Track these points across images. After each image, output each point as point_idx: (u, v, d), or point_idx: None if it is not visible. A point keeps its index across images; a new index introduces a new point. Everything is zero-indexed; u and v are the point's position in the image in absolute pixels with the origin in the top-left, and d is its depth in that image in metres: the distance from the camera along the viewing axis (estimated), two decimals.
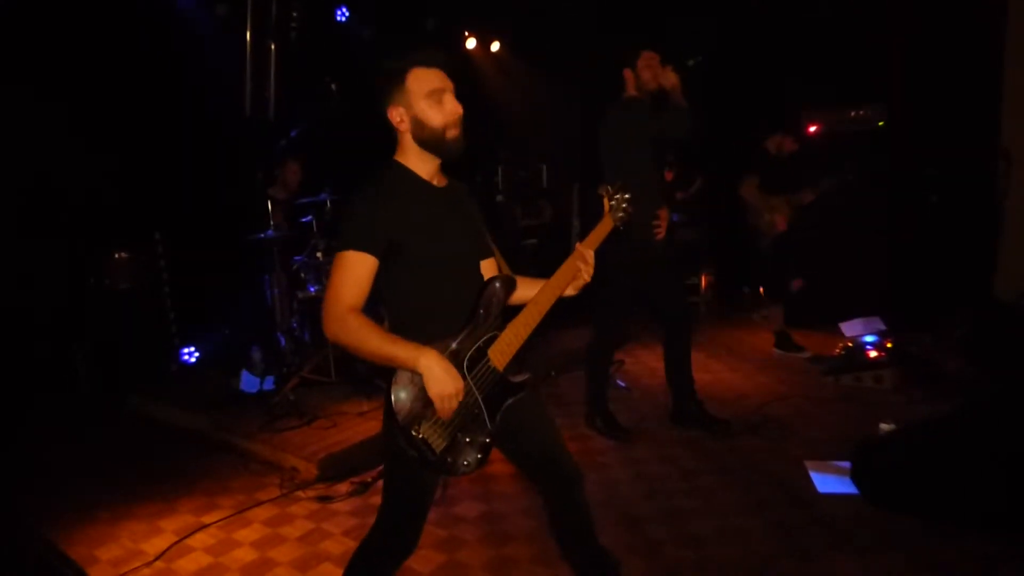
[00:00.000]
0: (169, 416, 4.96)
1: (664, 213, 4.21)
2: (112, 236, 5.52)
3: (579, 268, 2.21)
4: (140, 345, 5.64)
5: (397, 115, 2.09)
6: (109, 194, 5.37)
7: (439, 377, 1.91)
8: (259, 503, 3.71)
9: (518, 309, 2.17)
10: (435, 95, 2.06)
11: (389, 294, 2.12)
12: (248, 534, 3.43)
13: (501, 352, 2.09)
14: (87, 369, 5.41)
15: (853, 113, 6.88)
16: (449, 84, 2.09)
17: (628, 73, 4.14)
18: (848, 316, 5.53)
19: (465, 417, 2.01)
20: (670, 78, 4.02)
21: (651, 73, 4.09)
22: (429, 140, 2.08)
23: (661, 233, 4.20)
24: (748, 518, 3.35)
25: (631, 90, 4.15)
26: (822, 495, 3.51)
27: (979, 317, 5.41)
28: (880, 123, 6.74)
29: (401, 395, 1.93)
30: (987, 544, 3.00)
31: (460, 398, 1.96)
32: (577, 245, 2.24)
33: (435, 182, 2.16)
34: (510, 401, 2.11)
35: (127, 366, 5.50)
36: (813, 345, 5.84)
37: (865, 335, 5.24)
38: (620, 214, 2.38)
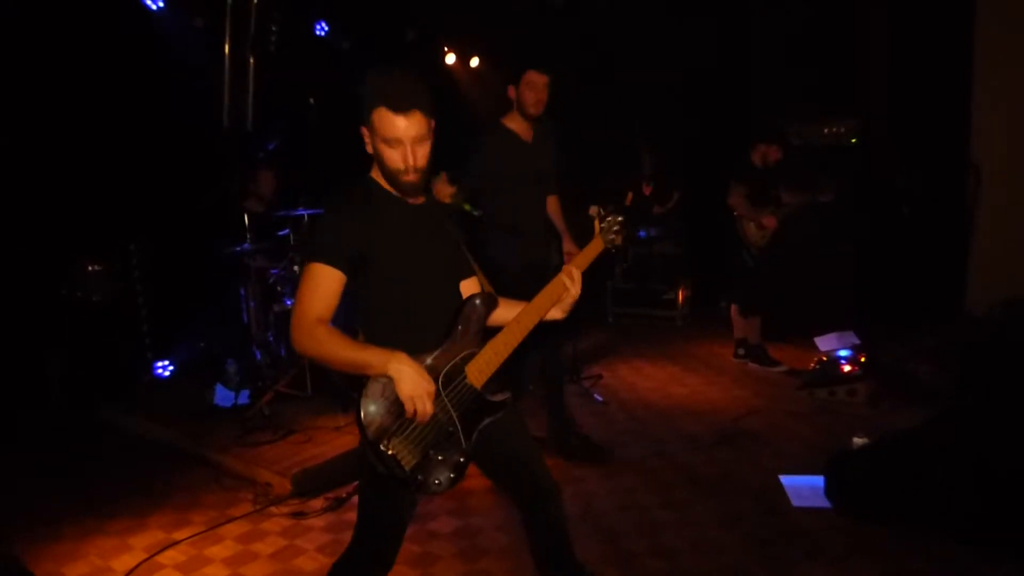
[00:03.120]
0: (141, 429, 4.88)
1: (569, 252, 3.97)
2: (86, 247, 5.45)
3: (566, 288, 2.19)
4: (113, 357, 5.56)
5: (366, 136, 2.06)
6: (83, 205, 5.30)
7: (410, 377, 1.89)
8: (231, 519, 3.65)
9: (495, 331, 2.16)
10: (393, 143, 1.99)
11: (361, 309, 2.11)
12: (220, 551, 3.38)
13: (479, 370, 2.06)
14: (59, 381, 5.32)
15: (827, 129, 6.99)
16: (412, 133, 1.97)
17: (512, 91, 3.79)
18: (822, 329, 5.58)
19: (438, 434, 1.98)
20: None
21: (534, 96, 3.74)
22: (386, 174, 2.06)
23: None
24: (723, 530, 3.36)
25: (515, 111, 3.84)
26: (796, 508, 3.53)
27: (950, 329, 5.49)
28: (853, 140, 6.84)
29: (370, 408, 1.90)
30: (958, 553, 3.04)
31: (431, 400, 1.93)
32: (565, 266, 2.23)
33: (408, 200, 2.14)
34: (487, 421, 2.09)
35: (100, 379, 5.41)
36: (788, 359, 5.89)
37: (839, 349, 5.29)
38: (611, 236, 2.37)
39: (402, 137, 1.97)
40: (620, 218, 2.37)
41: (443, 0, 6.96)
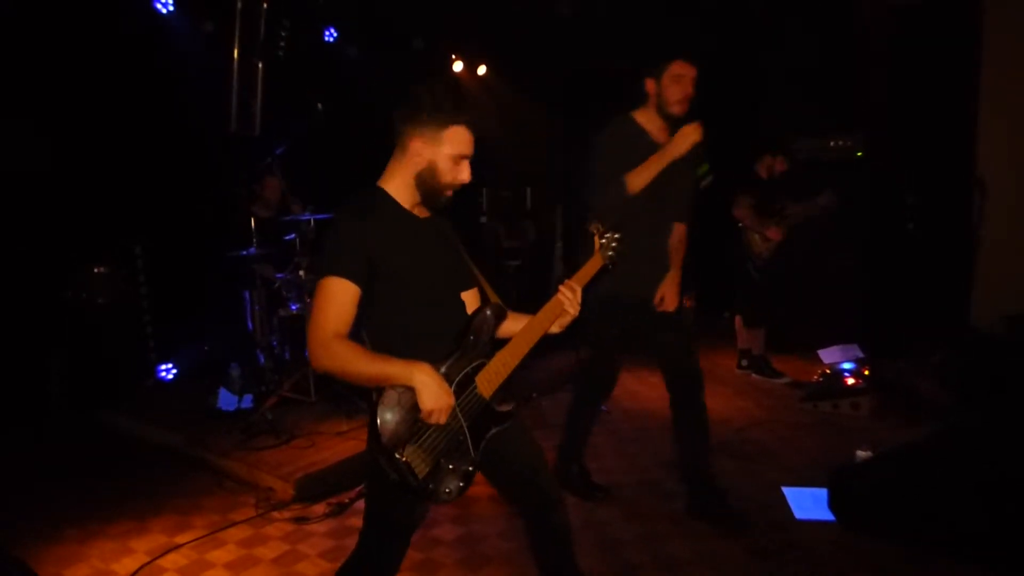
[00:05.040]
0: (143, 432, 4.88)
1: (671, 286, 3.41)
2: (91, 250, 5.46)
3: (565, 303, 2.20)
4: (116, 360, 5.57)
5: (415, 149, 2.07)
6: (89, 207, 5.32)
7: (434, 390, 1.92)
8: (233, 523, 3.65)
9: (503, 342, 2.17)
10: (460, 160, 2.08)
11: (370, 319, 2.12)
12: (222, 555, 3.37)
13: (488, 380, 2.09)
14: (61, 384, 5.32)
15: (833, 143, 6.99)
16: (472, 151, 2.12)
17: (651, 85, 3.29)
18: (827, 342, 5.58)
19: (449, 443, 2.00)
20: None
21: (681, 91, 3.22)
22: (428, 187, 2.09)
23: (668, 304, 3.43)
24: (725, 542, 3.35)
25: (650, 107, 3.34)
26: (799, 520, 3.52)
27: (955, 344, 5.48)
28: (859, 153, 6.85)
29: (387, 416, 1.91)
30: (961, 568, 3.03)
31: (449, 413, 1.95)
32: (565, 280, 2.23)
33: (416, 212, 2.16)
34: (494, 430, 2.11)
35: (103, 381, 5.41)
36: (792, 371, 5.88)
37: (843, 362, 5.29)
38: (610, 253, 2.37)
39: (470, 153, 2.10)
40: (618, 235, 2.38)
41: (450, 8, 6.99)
